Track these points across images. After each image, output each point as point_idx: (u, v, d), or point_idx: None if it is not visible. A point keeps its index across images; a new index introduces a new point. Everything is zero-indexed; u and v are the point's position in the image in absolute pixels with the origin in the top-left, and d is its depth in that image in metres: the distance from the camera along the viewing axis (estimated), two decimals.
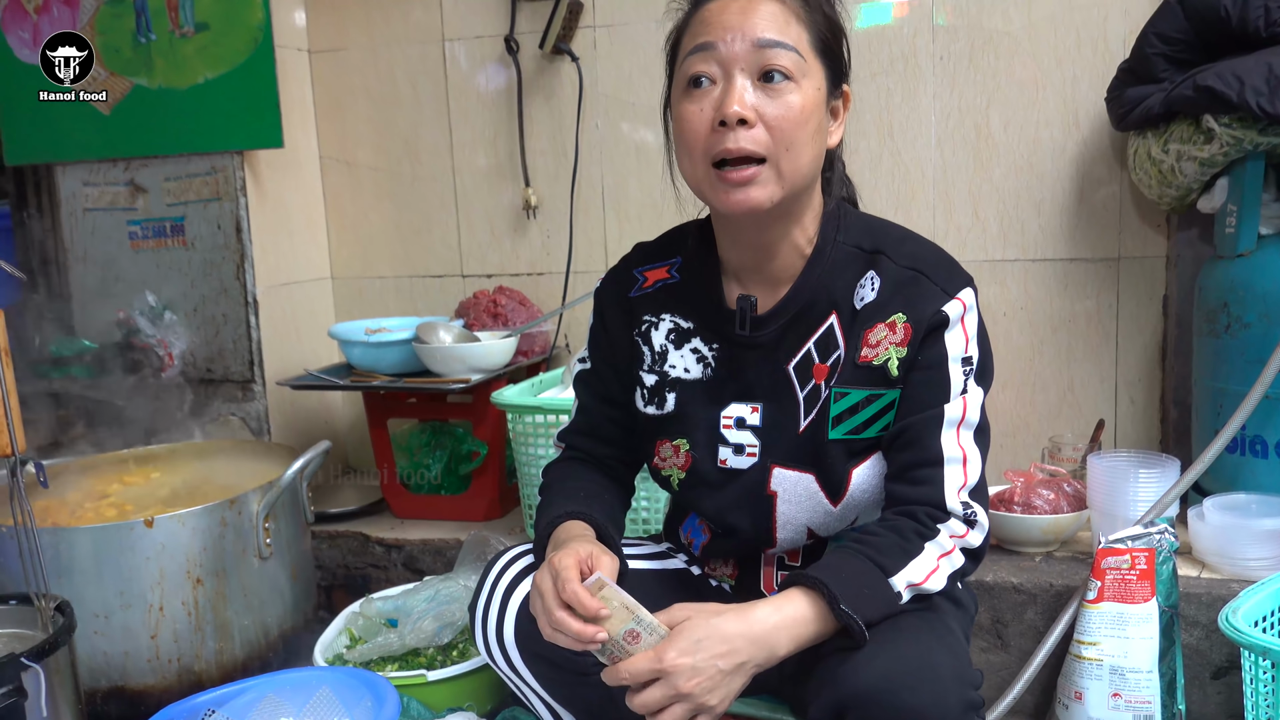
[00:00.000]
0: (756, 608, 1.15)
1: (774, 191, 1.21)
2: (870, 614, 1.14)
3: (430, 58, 2.64)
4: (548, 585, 1.17)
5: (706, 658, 1.11)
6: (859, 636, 1.13)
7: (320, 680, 1.51)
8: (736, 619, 1.13)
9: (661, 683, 1.11)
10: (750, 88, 1.19)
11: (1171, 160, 1.92)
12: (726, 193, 1.21)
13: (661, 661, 1.10)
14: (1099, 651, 1.66)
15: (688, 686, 1.10)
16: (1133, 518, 1.75)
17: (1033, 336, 2.32)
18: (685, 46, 1.24)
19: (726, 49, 1.19)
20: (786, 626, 1.14)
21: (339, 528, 2.40)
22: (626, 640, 1.13)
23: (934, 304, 1.24)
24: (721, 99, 1.19)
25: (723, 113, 1.18)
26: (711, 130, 1.19)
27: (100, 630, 1.71)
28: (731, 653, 1.12)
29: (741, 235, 1.30)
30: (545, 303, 2.62)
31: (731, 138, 1.18)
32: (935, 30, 2.28)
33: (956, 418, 1.24)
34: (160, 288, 2.59)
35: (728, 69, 1.19)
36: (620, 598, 1.13)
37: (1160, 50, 1.93)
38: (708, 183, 1.23)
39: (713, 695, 1.12)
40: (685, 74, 1.22)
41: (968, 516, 1.23)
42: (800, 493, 1.31)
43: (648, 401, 1.39)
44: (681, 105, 1.23)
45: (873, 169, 2.36)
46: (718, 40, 1.19)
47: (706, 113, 1.20)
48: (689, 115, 1.21)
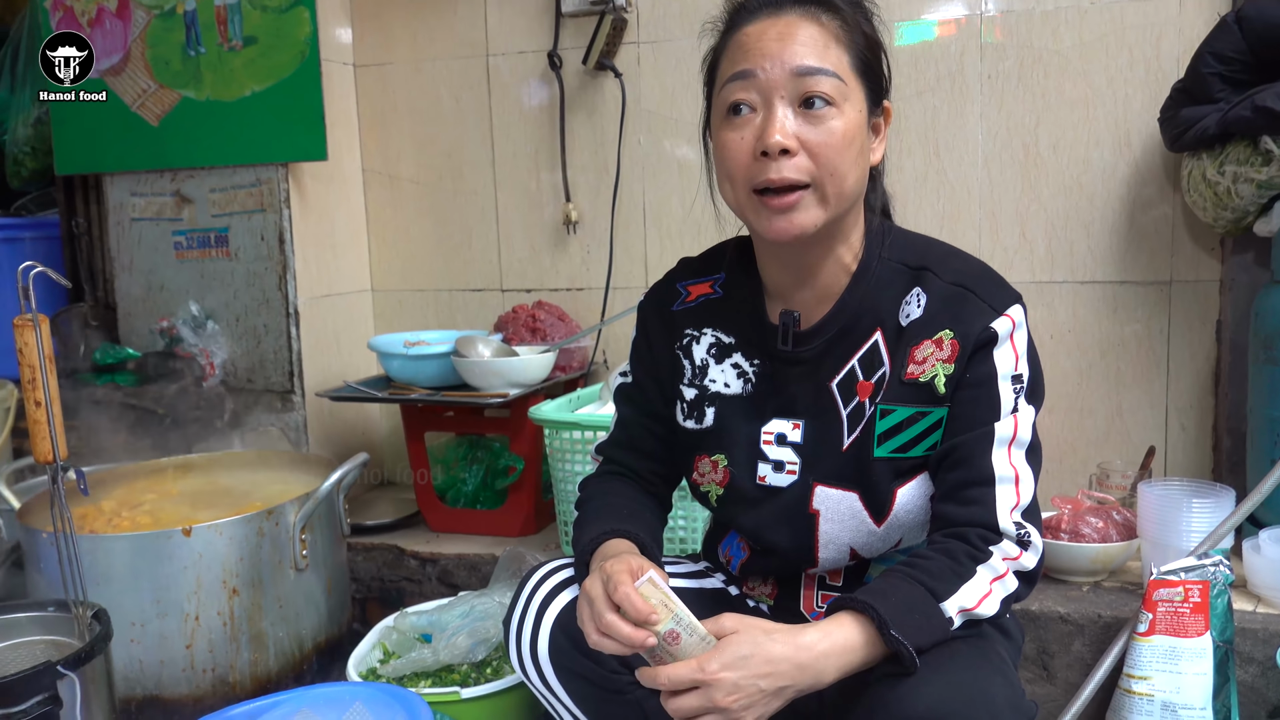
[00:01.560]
0: (805, 631, 1.12)
1: (818, 216, 1.19)
2: (921, 640, 1.11)
3: (473, 73, 2.65)
4: (598, 590, 1.16)
5: (749, 676, 1.08)
6: (909, 663, 1.10)
7: (354, 695, 1.50)
8: (785, 642, 1.11)
9: (699, 692, 1.09)
10: (791, 115, 1.17)
11: (1228, 182, 1.88)
12: (770, 219, 1.19)
13: (704, 672, 1.08)
14: (1150, 686, 1.61)
15: (725, 701, 1.08)
16: (1185, 548, 1.70)
17: (1080, 360, 2.27)
18: (724, 72, 1.22)
19: (766, 77, 1.17)
20: (835, 654, 1.11)
21: (374, 540, 2.40)
22: (667, 640, 1.12)
23: (982, 320, 1.22)
24: (763, 128, 1.17)
25: (764, 143, 1.16)
26: (754, 159, 1.18)
27: (136, 639, 1.71)
28: (775, 675, 1.09)
29: (784, 256, 1.28)
30: (584, 318, 2.61)
31: (774, 168, 1.16)
32: (984, 48, 2.25)
33: (1007, 436, 1.21)
34: (203, 298, 2.61)
35: (768, 97, 1.18)
36: (664, 597, 1.12)
37: (1216, 70, 1.89)
38: (750, 209, 1.21)
39: (748, 713, 1.09)
40: (725, 101, 1.21)
41: (1021, 537, 1.20)
42: (843, 512, 1.28)
43: (687, 416, 1.38)
44: (722, 133, 1.21)
45: (918, 188, 2.33)
46: (756, 68, 1.18)
47: (748, 141, 1.18)
48: (730, 143, 1.20)
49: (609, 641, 1.14)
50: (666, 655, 1.13)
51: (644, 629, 1.12)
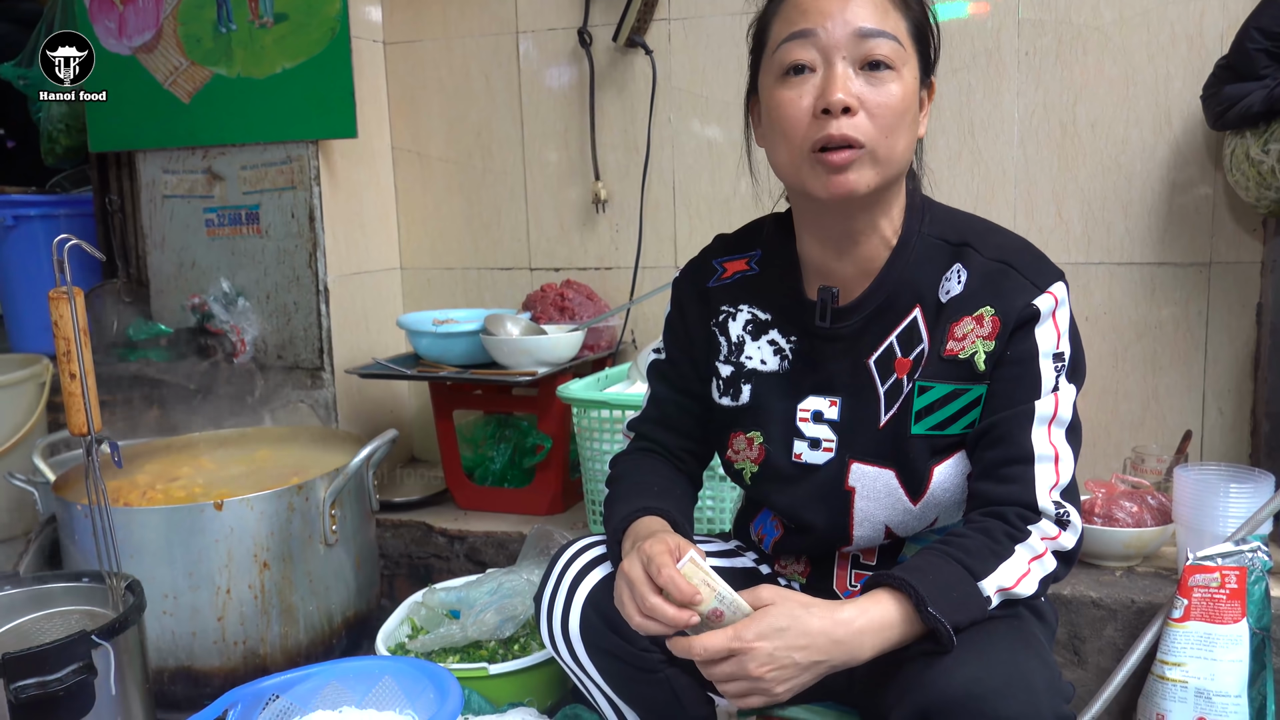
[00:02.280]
0: (843, 607, 1.11)
1: (871, 178, 1.18)
2: (958, 618, 1.10)
3: (503, 50, 2.63)
4: (639, 573, 1.15)
5: (785, 648, 1.08)
6: (946, 641, 1.09)
7: (383, 670, 1.51)
8: (822, 616, 1.10)
9: (733, 660, 1.09)
10: (852, 75, 1.16)
11: (1272, 161, 1.84)
12: (827, 177, 1.17)
13: (739, 640, 1.08)
14: (1184, 673, 1.59)
15: (758, 670, 1.08)
16: (1222, 534, 1.68)
17: (1116, 343, 2.24)
18: (777, 34, 1.20)
19: (827, 35, 1.16)
20: (872, 631, 1.11)
21: (403, 517, 2.41)
22: (711, 618, 1.12)
23: (1024, 298, 1.20)
24: (824, 86, 1.15)
25: (826, 100, 1.14)
26: (813, 118, 1.16)
27: (169, 610, 1.73)
28: (811, 648, 1.09)
29: (829, 225, 1.26)
30: (613, 297, 2.60)
31: (835, 125, 1.15)
32: (1020, 25, 2.21)
33: (1048, 414, 1.19)
34: (234, 275, 2.62)
35: (828, 56, 1.16)
36: (705, 575, 1.11)
37: (1263, 46, 1.84)
38: (807, 167, 1.19)
39: (780, 685, 1.10)
40: (782, 61, 1.19)
41: (1060, 517, 1.18)
42: (879, 489, 1.27)
43: (723, 393, 1.37)
44: (777, 92, 1.19)
45: (951, 166, 2.30)
46: (817, 27, 1.16)
47: (806, 100, 1.17)
48: (787, 102, 1.18)
49: (653, 624, 1.14)
50: (708, 630, 1.12)
51: (688, 609, 1.11)
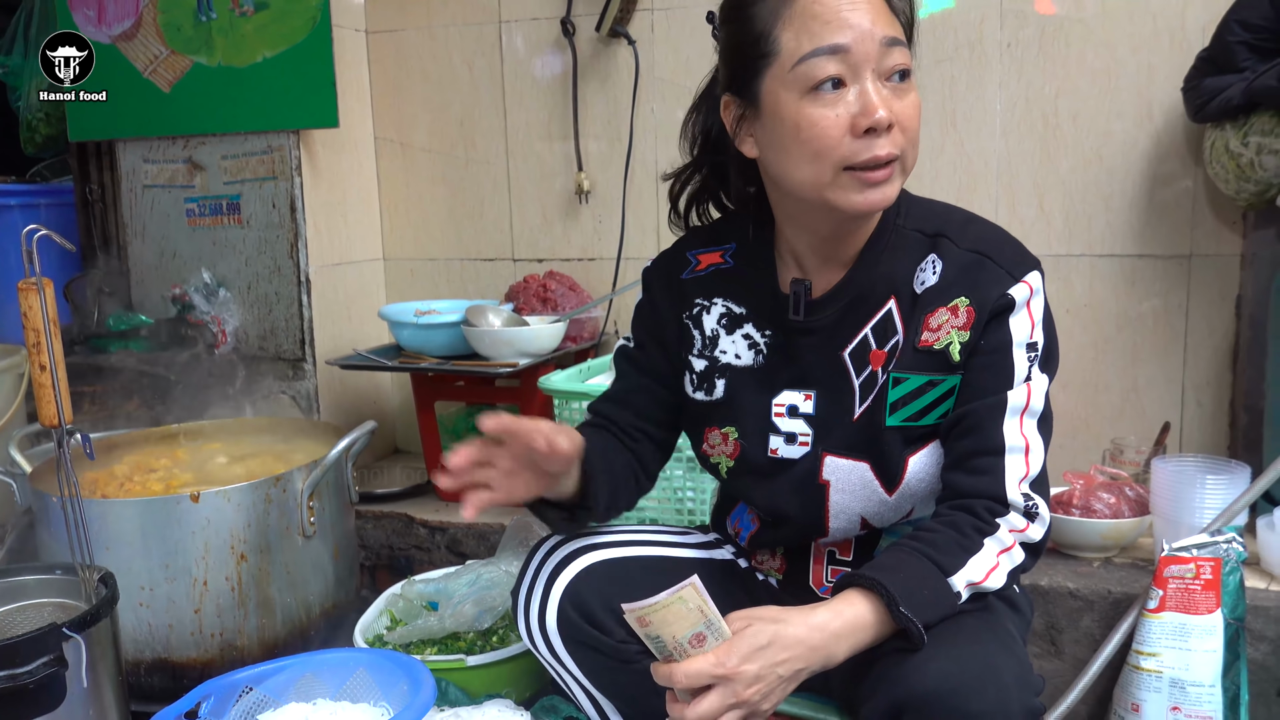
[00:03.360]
0: (816, 612, 1.11)
1: (899, 187, 1.19)
2: (929, 616, 1.11)
3: (486, 39, 2.62)
4: None
5: (769, 665, 1.08)
6: (918, 639, 1.10)
7: (357, 661, 1.51)
8: (798, 624, 1.10)
9: (720, 690, 1.08)
10: (882, 88, 1.14)
11: (1251, 154, 1.84)
12: (862, 192, 1.15)
13: (724, 667, 1.07)
14: (1159, 663, 1.60)
15: (747, 693, 1.08)
16: (1198, 525, 1.68)
17: (1097, 334, 2.24)
18: (795, 45, 1.14)
19: (859, 50, 1.13)
20: (847, 634, 1.11)
21: (384, 508, 2.40)
22: (692, 644, 1.10)
23: (999, 287, 1.20)
24: (864, 104, 1.12)
25: (873, 119, 1.12)
26: (854, 137, 1.13)
27: (145, 602, 1.72)
28: (792, 659, 1.09)
29: (827, 227, 1.25)
30: (596, 288, 2.59)
31: (880, 144, 1.13)
32: (1004, 16, 2.21)
33: (1020, 405, 1.19)
34: (215, 265, 2.61)
35: (859, 71, 1.13)
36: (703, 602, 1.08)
37: (1243, 38, 1.84)
38: (834, 185, 1.16)
39: (767, 702, 1.10)
40: (810, 77, 1.14)
41: (1029, 509, 1.19)
42: (854, 481, 1.27)
43: (697, 387, 1.37)
44: (807, 110, 1.14)
45: (933, 158, 2.29)
46: (849, 41, 1.12)
47: (843, 118, 1.13)
48: (822, 121, 1.13)
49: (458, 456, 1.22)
50: (684, 657, 1.10)
51: None
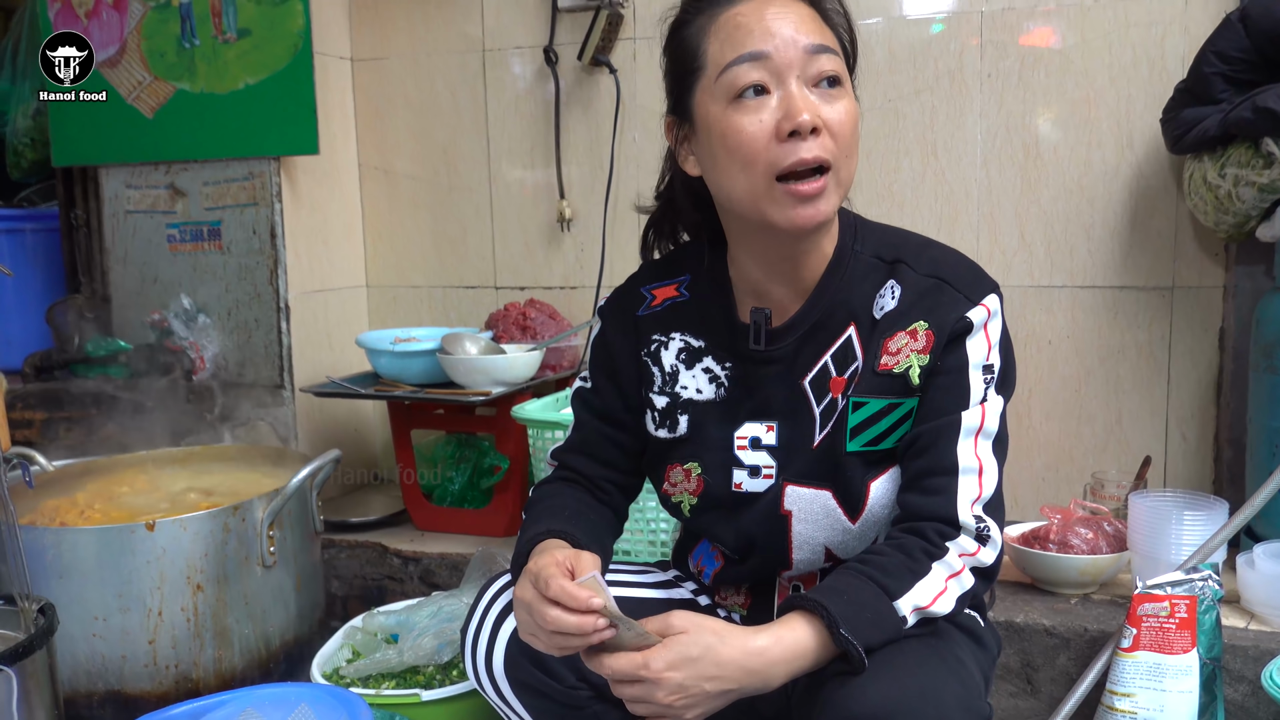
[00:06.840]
0: (757, 635, 1.09)
1: (835, 202, 1.16)
2: (871, 639, 1.08)
3: (470, 68, 2.62)
4: (530, 593, 1.11)
5: (695, 677, 1.06)
6: (857, 663, 1.07)
7: (299, 697, 1.48)
8: (735, 646, 1.07)
9: (641, 686, 1.06)
10: (809, 94, 1.13)
11: (1229, 185, 1.82)
12: (795, 208, 1.13)
13: (648, 669, 1.05)
14: (1133, 704, 1.56)
15: (666, 699, 1.06)
16: (1175, 562, 1.65)
17: (1079, 366, 2.21)
18: (720, 55, 1.15)
19: (780, 56, 1.12)
20: (785, 660, 1.08)
21: (359, 537, 2.37)
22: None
23: (957, 310, 1.18)
24: (787, 107, 1.11)
25: (794, 122, 1.10)
26: (778, 141, 1.12)
27: (98, 633, 1.69)
28: (722, 679, 1.07)
29: (774, 249, 1.23)
30: (577, 317, 2.57)
31: (805, 147, 1.11)
32: (984, 46, 2.20)
33: (975, 426, 1.17)
34: (195, 291, 2.60)
35: (782, 77, 1.12)
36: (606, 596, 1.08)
37: (1219, 70, 1.83)
38: (769, 198, 1.14)
39: (689, 711, 1.07)
40: (732, 85, 1.14)
41: (980, 532, 1.16)
42: (816, 510, 1.24)
43: (659, 425, 1.33)
44: (732, 118, 1.14)
45: (914, 188, 2.28)
46: (769, 48, 1.12)
47: (767, 123, 1.12)
48: (746, 127, 1.13)
49: (562, 638, 1.09)
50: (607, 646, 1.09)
51: (592, 613, 1.07)
